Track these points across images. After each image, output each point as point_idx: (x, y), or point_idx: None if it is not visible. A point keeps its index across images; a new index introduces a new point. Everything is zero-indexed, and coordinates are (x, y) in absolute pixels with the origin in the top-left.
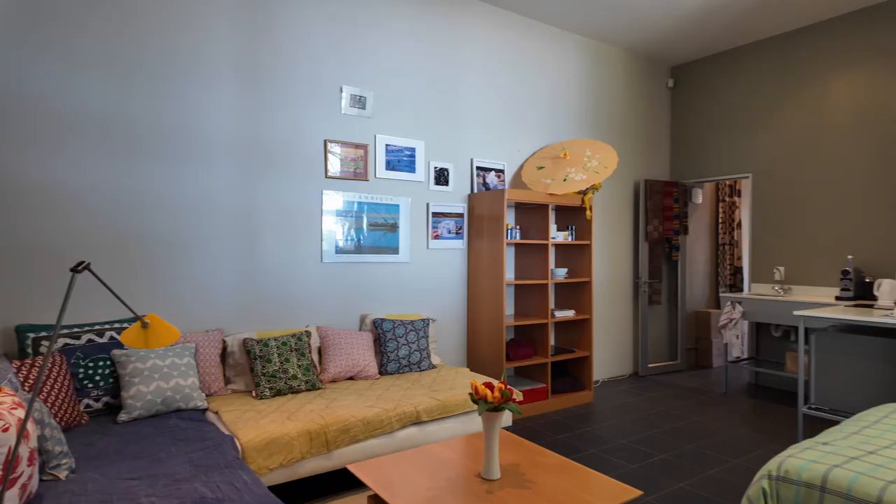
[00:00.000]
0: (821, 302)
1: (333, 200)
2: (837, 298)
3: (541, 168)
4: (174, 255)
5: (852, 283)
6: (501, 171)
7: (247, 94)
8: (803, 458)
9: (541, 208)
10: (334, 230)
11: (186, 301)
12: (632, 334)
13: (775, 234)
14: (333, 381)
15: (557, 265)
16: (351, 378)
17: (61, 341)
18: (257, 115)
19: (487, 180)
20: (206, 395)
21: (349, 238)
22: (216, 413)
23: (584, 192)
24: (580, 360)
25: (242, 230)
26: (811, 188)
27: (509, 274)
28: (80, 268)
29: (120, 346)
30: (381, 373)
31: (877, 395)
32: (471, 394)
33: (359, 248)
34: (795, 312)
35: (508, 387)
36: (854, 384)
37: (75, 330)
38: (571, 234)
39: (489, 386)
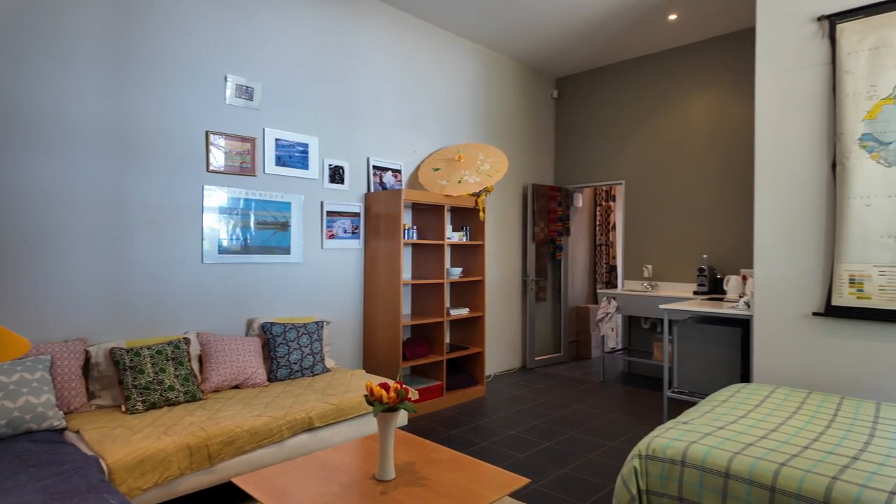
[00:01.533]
0: (681, 296)
1: (217, 196)
2: (695, 293)
3: (437, 169)
4: (25, 255)
5: (707, 279)
6: (398, 171)
7: (115, 75)
8: (667, 437)
9: (437, 209)
10: (217, 228)
11: (40, 307)
12: (520, 330)
13: (644, 235)
14: (217, 390)
15: (453, 265)
16: (237, 387)
17: None
18: (128, 100)
19: (384, 180)
20: (65, 413)
21: (234, 237)
22: (77, 432)
23: (477, 195)
24: (474, 357)
25: (110, 226)
26: (673, 194)
27: (406, 274)
28: None
29: None
30: (270, 379)
31: (726, 377)
32: (366, 395)
33: (245, 248)
34: (661, 306)
35: (404, 386)
36: (708, 368)
37: None
38: (466, 235)
39: (385, 386)
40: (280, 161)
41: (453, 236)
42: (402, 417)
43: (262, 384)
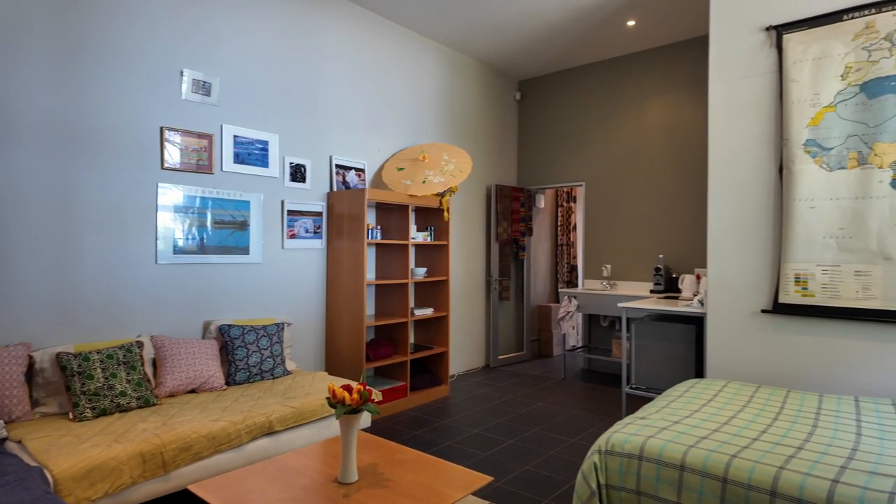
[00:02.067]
0: (639, 295)
1: (171, 194)
2: (651, 292)
3: (401, 169)
4: None
5: (663, 278)
6: (362, 170)
7: (60, 65)
8: (625, 433)
9: (401, 209)
10: (173, 228)
11: None
12: (484, 329)
13: (603, 236)
14: (172, 395)
15: (417, 265)
16: (193, 391)
17: None
18: (75, 92)
19: (348, 179)
20: (6, 423)
21: (190, 237)
22: (19, 442)
23: (441, 195)
24: (438, 357)
25: (57, 225)
26: (631, 195)
27: (370, 274)
28: None
29: None
30: (228, 383)
31: (681, 373)
32: (328, 398)
33: (202, 248)
34: (619, 305)
35: (367, 388)
36: (664, 365)
37: None
38: (431, 235)
39: (347, 388)
40: (239, 159)
41: (418, 236)
42: (365, 419)
43: (220, 388)
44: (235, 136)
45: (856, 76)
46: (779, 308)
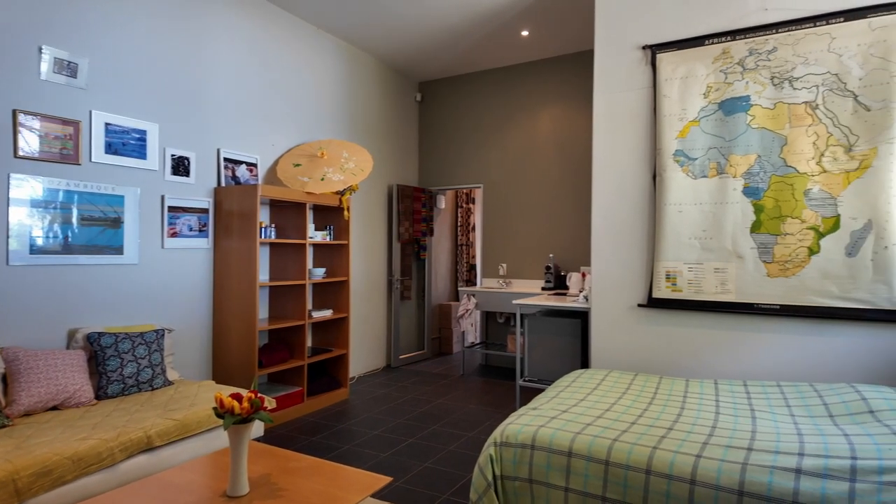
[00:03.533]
0: (532, 292)
1: (28, 187)
2: (543, 289)
3: (297, 165)
4: None
5: (553, 276)
6: (254, 164)
7: None
8: (519, 424)
9: (298, 207)
10: (29, 224)
11: None
12: (385, 329)
13: (500, 236)
14: (28, 414)
15: (316, 265)
16: (55, 408)
17: None
18: None
19: (238, 174)
20: None
21: (52, 235)
22: None
23: (341, 193)
24: (337, 359)
25: None
26: (524, 198)
27: (263, 275)
28: None
29: None
30: (99, 397)
31: (569, 364)
32: (215, 408)
33: (67, 248)
34: (514, 301)
35: (259, 395)
36: (555, 357)
37: None
38: (330, 234)
39: (237, 397)
40: (111, 149)
41: (316, 235)
42: (257, 428)
43: (89, 403)
44: (107, 124)
45: (715, 95)
46: (652, 302)
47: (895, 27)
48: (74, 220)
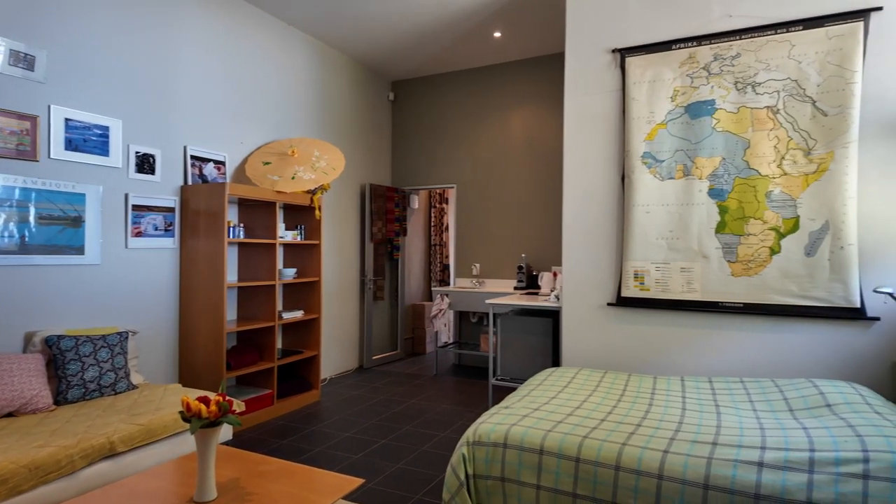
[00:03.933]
0: (504, 292)
1: None
2: (515, 288)
3: (267, 164)
4: None
5: (525, 275)
6: (222, 162)
7: None
8: (491, 423)
9: (268, 206)
10: None
11: None
12: (358, 329)
13: (473, 236)
14: None
15: (286, 265)
16: (10, 414)
17: None
18: None
19: (205, 172)
20: None
21: (7, 234)
22: None
23: (312, 192)
24: (308, 361)
25: None
26: (497, 198)
27: (232, 276)
28: None
29: None
30: (58, 402)
31: (540, 363)
32: (181, 412)
33: (23, 247)
34: (486, 301)
35: (227, 398)
36: (526, 356)
37: None
38: (301, 234)
39: (204, 400)
40: (72, 145)
41: (286, 235)
42: (226, 432)
43: (47, 408)
44: (67, 119)
45: (682, 98)
46: (621, 301)
47: (851, 36)
48: (32, 218)
